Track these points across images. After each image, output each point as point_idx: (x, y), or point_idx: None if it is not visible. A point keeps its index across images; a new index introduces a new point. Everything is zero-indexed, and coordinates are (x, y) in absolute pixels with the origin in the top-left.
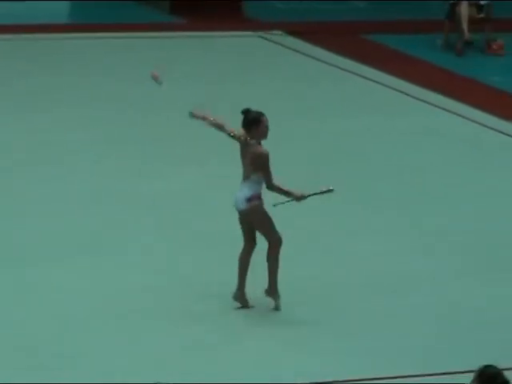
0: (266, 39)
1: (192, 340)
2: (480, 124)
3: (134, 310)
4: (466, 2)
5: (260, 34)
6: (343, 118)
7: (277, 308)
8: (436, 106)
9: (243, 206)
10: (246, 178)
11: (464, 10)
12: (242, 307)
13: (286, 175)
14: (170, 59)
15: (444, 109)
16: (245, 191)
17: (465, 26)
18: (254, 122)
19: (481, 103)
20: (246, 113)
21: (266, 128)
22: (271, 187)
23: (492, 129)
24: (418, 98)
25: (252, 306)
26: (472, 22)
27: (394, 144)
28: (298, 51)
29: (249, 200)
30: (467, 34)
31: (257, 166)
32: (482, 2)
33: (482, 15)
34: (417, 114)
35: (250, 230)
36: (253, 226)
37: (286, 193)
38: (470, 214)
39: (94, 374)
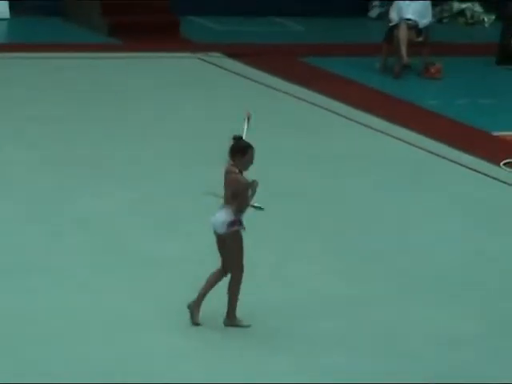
0: (204, 61)
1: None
2: (417, 147)
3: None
4: (404, 25)
5: (198, 55)
6: (280, 138)
7: (246, 326)
8: (372, 128)
9: (224, 230)
10: (226, 203)
11: (403, 33)
12: (194, 324)
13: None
14: (106, 80)
15: (380, 131)
16: (225, 216)
17: (403, 49)
18: (240, 151)
19: (417, 126)
20: (237, 140)
21: (251, 161)
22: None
23: (428, 151)
24: (354, 120)
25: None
26: (410, 45)
27: (329, 166)
28: (236, 73)
29: (230, 225)
30: (405, 58)
31: (235, 193)
32: (420, 26)
33: (420, 39)
34: (353, 135)
35: None
36: (226, 249)
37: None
38: (409, 237)
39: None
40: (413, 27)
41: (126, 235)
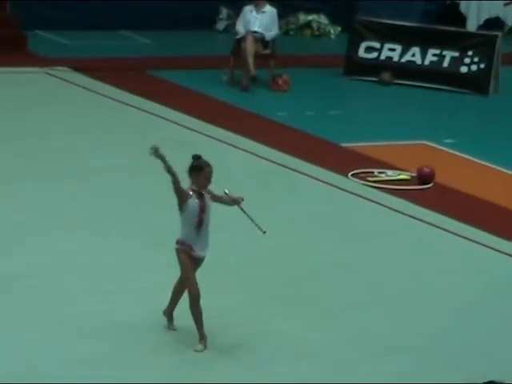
0: (50, 75)
1: None
2: (266, 159)
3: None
4: (251, 37)
5: (45, 69)
6: (129, 153)
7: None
8: (220, 140)
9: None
10: None
11: (249, 45)
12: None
13: (67, 212)
14: None
15: (228, 143)
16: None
17: (250, 61)
18: (195, 169)
19: (266, 138)
20: (195, 159)
21: (207, 179)
22: None
23: (277, 163)
24: (201, 133)
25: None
26: (257, 57)
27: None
28: (83, 87)
29: (176, 243)
30: (252, 70)
31: (179, 205)
32: (267, 38)
33: (267, 51)
34: (200, 148)
35: None
36: None
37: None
38: (255, 248)
39: None
40: (259, 39)
41: None
